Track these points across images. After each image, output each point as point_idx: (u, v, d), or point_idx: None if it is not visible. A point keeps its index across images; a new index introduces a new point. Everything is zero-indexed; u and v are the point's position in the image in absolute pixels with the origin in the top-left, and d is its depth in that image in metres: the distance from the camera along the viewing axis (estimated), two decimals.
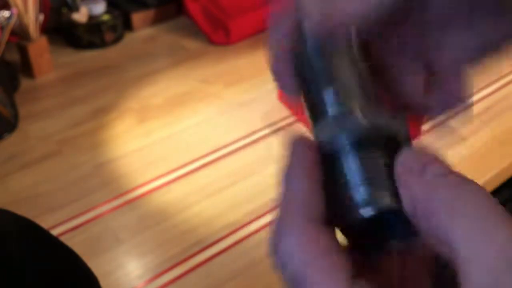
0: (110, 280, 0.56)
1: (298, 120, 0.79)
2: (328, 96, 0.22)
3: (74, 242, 0.59)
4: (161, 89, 0.87)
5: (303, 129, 0.77)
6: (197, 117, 0.81)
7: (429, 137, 0.73)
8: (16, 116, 0.78)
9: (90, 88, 0.87)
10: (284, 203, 0.21)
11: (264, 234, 0.61)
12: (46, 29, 0.91)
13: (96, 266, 0.56)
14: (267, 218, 0.63)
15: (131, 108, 0.83)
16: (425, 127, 0.71)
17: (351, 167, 0.20)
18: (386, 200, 0.19)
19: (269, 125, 0.79)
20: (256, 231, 0.62)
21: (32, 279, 0.36)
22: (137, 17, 1.04)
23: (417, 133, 0.53)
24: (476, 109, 0.80)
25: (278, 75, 0.25)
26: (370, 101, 0.21)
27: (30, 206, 0.65)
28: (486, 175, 0.70)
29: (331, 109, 0.21)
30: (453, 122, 0.66)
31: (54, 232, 0.61)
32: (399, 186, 0.20)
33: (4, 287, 0.34)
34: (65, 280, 0.40)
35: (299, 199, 0.21)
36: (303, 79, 0.23)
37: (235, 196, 0.66)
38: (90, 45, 0.98)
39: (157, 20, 1.07)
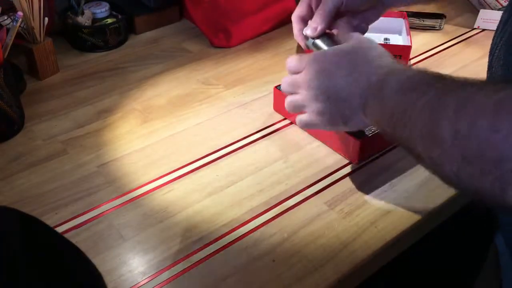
0: (114, 276, 0.57)
1: (293, 122, 0.79)
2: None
3: (78, 240, 0.60)
4: (164, 90, 0.88)
5: (298, 130, 0.78)
6: (198, 117, 0.81)
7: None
8: (22, 117, 0.79)
9: (94, 90, 0.88)
10: None
11: (263, 232, 0.62)
12: (51, 32, 0.91)
13: (100, 263, 0.58)
14: (266, 217, 0.63)
15: (134, 109, 0.83)
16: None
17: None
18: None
19: (268, 126, 0.79)
20: (256, 228, 0.62)
21: (37, 276, 0.36)
22: (140, 21, 1.04)
23: None
24: None
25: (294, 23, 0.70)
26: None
27: (35, 204, 0.65)
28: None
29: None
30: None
31: (59, 229, 0.61)
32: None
33: (8, 284, 0.34)
34: (70, 276, 0.40)
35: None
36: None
37: (235, 195, 0.67)
38: (94, 48, 0.98)
39: (160, 23, 1.07)
